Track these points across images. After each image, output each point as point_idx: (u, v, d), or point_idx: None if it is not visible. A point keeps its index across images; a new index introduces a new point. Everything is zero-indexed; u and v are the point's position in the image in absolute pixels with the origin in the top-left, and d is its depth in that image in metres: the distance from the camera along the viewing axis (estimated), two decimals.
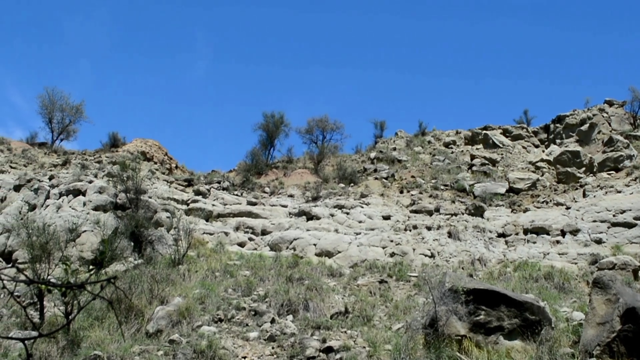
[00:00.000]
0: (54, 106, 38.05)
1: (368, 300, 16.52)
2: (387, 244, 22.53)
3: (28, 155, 32.12)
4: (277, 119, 36.41)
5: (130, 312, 15.24)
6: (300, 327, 14.34)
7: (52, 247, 17.18)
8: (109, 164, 28.83)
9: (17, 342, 13.98)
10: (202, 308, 15.55)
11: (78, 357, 13.00)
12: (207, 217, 25.85)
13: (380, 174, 30.58)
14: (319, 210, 25.72)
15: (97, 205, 23.12)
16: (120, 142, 35.58)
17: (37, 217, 22.18)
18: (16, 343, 14.03)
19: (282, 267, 19.30)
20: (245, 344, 13.52)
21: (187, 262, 19.91)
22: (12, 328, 15.47)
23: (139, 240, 21.67)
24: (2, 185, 25.96)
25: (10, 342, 14.13)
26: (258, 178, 31.49)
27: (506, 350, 11.50)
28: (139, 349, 13.23)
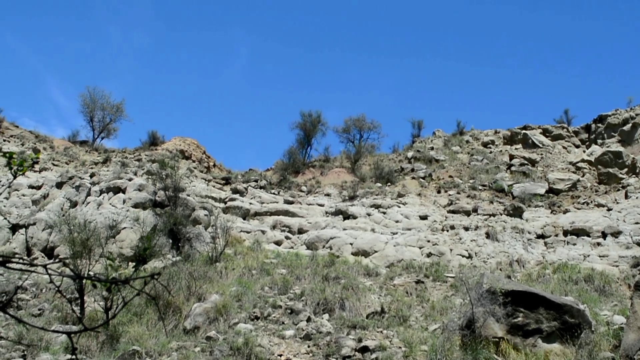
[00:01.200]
0: (95, 105, 38.72)
1: (404, 301, 16.44)
2: (424, 244, 22.40)
3: (70, 153, 32.75)
4: (314, 118, 36.46)
5: (168, 309, 15.45)
6: (336, 326, 14.35)
7: (93, 244, 17.49)
8: (149, 162, 29.21)
9: (59, 336, 14.27)
10: (238, 305, 15.66)
11: (117, 352, 13.21)
12: (245, 216, 26.02)
13: (418, 173, 30.42)
14: (356, 209, 25.69)
15: (136, 203, 23.44)
16: (160, 140, 36.03)
17: (79, 213, 22.58)
18: (58, 337, 14.32)
19: (318, 266, 19.33)
20: (281, 342, 13.58)
21: (224, 259, 20.07)
22: (54, 322, 15.78)
23: (177, 238, 21.92)
24: (45, 183, 26.51)
25: (52, 336, 14.42)
26: (295, 177, 31.58)
27: (544, 354, 11.36)
28: (176, 345, 13.39)
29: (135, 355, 12.92)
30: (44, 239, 22.29)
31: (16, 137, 34.90)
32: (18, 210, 24.50)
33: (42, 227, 22.62)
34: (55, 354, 13.30)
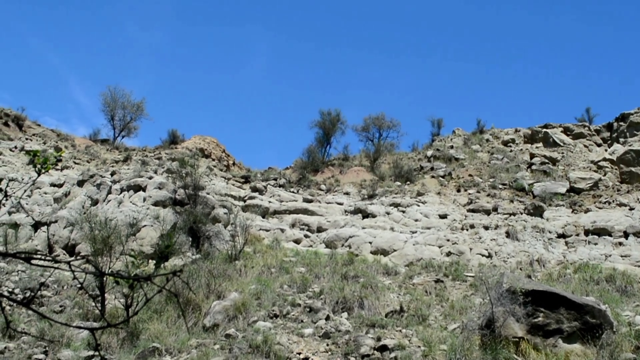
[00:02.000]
0: (116, 104, 39.03)
1: (423, 300, 16.40)
2: (443, 243, 22.32)
3: (91, 151, 33.04)
4: (333, 117, 36.44)
5: (188, 306, 15.53)
6: (355, 324, 14.35)
7: (114, 241, 17.65)
8: (169, 160, 29.38)
9: (80, 333, 14.40)
10: (257, 303, 15.71)
11: (137, 348, 13.32)
12: (264, 214, 26.09)
13: (437, 172, 30.30)
14: (375, 208, 25.66)
15: (156, 201, 23.59)
16: (180, 139, 36.23)
17: (99, 211, 22.77)
18: (79, 333, 14.46)
19: (337, 265, 19.33)
20: (300, 340, 13.59)
21: (244, 257, 20.14)
22: (75, 319, 15.93)
23: (197, 236, 22.03)
24: (66, 181, 26.76)
25: (74, 333, 14.56)
26: (314, 175, 31.60)
27: (565, 354, 11.28)
28: (196, 342, 13.46)
29: (155, 352, 13.01)
30: (65, 236, 22.50)
31: (38, 136, 35.25)
32: (40, 208, 24.76)
33: (64, 224, 22.83)
34: (77, 350, 13.43)
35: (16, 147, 30.86)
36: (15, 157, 29.76)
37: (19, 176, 27.14)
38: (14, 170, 28.19)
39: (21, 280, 18.49)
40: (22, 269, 19.54)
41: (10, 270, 19.07)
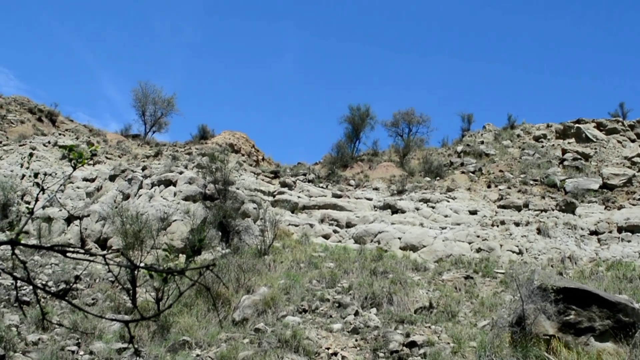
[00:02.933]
0: (147, 99, 39.47)
1: (453, 296, 16.31)
2: (473, 239, 22.16)
3: (122, 146, 33.42)
4: (362, 112, 36.39)
5: (218, 300, 15.66)
6: (383, 320, 14.33)
7: (144, 235, 17.86)
8: (199, 155, 29.59)
9: (112, 325, 14.60)
10: (287, 298, 15.77)
11: (167, 341, 13.46)
12: (293, 209, 26.15)
13: (467, 167, 30.08)
14: (404, 203, 25.56)
15: (187, 196, 23.78)
16: (209, 134, 36.49)
17: (131, 206, 23.02)
18: (111, 326, 14.66)
19: (366, 260, 19.31)
20: (329, 335, 13.62)
21: (273, 252, 20.22)
22: (107, 311, 16.15)
23: (227, 231, 22.17)
24: (98, 175, 27.12)
25: (105, 325, 14.77)
26: (343, 171, 31.59)
27: (597, 352, 11.14)
28: (225, 336, 13.56)
29: (185, 345, 13.15)
30: (97, 230, 22.80)
31: (71, 131, 35.76)
32: (73, 202, 25.12)
33: (96, 218, 23.14)
34: (108, 342, 13.62)
35: (49, 142, 31.34)
36: (49, 152, 30.22)
37: (52, 171, 27.57)
38: (48, 165, 28.63)
39: (54, 273, 18.79)
40: (55, 262, 19.85)
41: (44, 263, 19.39)
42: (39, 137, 32.46)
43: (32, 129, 34.76)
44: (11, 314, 15.55)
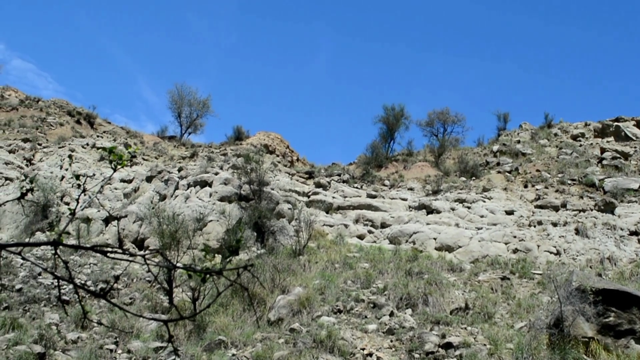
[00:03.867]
0: (183, 101, 39.92)
1: (489, 297, 16.15)
2: (509, 239, 21.91)
3: (159, 148, 33.83)
4: (397, 112, 36.25)
5: (253, 300, 15.74)
6: (419, 321, 14.26)
7: (181, 236, 18.06)
8: (234, 156, 29.80)
9: (150, 325, 14.79)
10: (321, 298, 15.79)
11: (204, 341, 13.59)
12: (327, 209, 26.17)
13: (504, 167, 29.75)
14: (440, 203, 25.39)
15: (222, 196, 23.96)
16: (244, 135, 36.75)
17: (167, 206, 23.30)
18: (148, 325, 14.85)
19: (401, 261, 19.23)
20: (364, 335, 13.60)
21: (308, 253, 20.26)
22: (144, 311, 16.37)
23: (262, 231, 22.28)
24: (135, 177, 27.49)
25: (143, 324, 14.97)
26: (378, 171, 31.52)
27: (637, 355, 10.94)
28: (260, 336, 13.64)
29: (221, 344, 13.25)
30: (134, 230, 23.11)
31: (108, 133, 36.30)
32: (111, 203, 25.51)
33: (133, 219, 23.46)
34: (146, 341, 13.80)
35: (88, 144, 31.86)
36: (87, 154, 30.73)
37: (90, 172, 28.03)
38: (86, 166, 29.11)
39: (93, 273, 19.10)
40: (94, 262, 20.18)
41: (83, 263, 19.72)
42: (77, 139, 33.02)
43: (71, 131, 35.38)
44: (51, 312, 15.87)
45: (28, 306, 16.09)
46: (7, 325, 14.05)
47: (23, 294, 16.73)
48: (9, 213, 24.68)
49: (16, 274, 18.09)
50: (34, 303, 16.34)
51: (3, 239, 22.95)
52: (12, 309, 15.71)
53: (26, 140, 32.23)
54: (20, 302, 16.24)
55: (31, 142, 31.95)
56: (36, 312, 15.72)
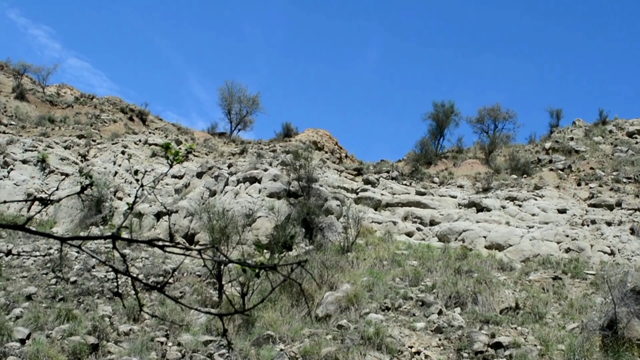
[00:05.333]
0: (233, 98, 40.33)
1: (540, 297, 15.88)
2: (562, 238, 21.50)
3: (209, 144, 34.27)
4: (447, 108, 35.87)
5: (301, 296, 15.81)
6: (468, 320, 14.11)
7: (230, 231, 18.27)
8: (283, 153, 29.97)
9: (199, 318, 15.01)
10: (369, 296, 15.77)
11: (252, 335, 13.72)
12: (376, 206, 26.10)
13: (556, 165, 29.18)
14: (490, 201, 25.07)
15: (271, 193, 24.12)
16: (293, 132, 36.92)
17: (217, 202, 23.58)
18: (197, 319, 15.08)
19: (450, 259, 19.07)
20: (412, 333, 13.54)
21: (356, 249, 20.25)
22: (194, 304, 16.60)
23: (310, 227, 22.36)
24: (186, 173, 27.91)
25: (193, 318, 15.21)
26: (427, 168, 31.28)
27: None
28: (308, 332, 13.69)
29: (270, 339, 13.35)
30: (185, 225, 23.46)
31: (160, 130, 36.93)
32: (162, 198, 25.96)
33: (184, 214, 23.81)
34: (195, 334, 14.01)
35: (140, 141, 32.47)
36: (139, 150, 31.32)
37: (142, 168, 28.57)
38: (138, 162, 29.68)
39: (145, 267, 19.47)
40: (145, 256, 20.57)
41: (135, 257, 20.11)
42: (130, 135, 33.68)
43: (124, 128, 36.13)
44: (104, 304, 16.24)
45: (82, 298, 16.51)
46: (63, 317, 14.44)
47: (77, 286, 17.17)
48: (64, 207, 25.34)
49: (71, 266, 18.57)
50: (88, 295, 16.75)
51: (59, 233, 23.57)
52: (67, 301, 16.14)
53: (81, 137, 33.03)
54: (74, 294, 16.67)
55: (86, 139, 32.73)
56: (90, 304, 16.11)
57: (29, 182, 27.71)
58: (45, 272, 17.96)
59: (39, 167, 28.88)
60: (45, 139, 31.88)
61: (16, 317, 14.38)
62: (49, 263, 18.61)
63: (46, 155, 29.35)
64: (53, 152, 29.97)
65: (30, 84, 45.32)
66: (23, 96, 40.22)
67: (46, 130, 33.61)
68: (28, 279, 17.48)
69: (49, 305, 15.48)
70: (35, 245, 20.49)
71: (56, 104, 41.26)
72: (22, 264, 18.53)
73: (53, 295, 16.33)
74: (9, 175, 28.16)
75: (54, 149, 30.44)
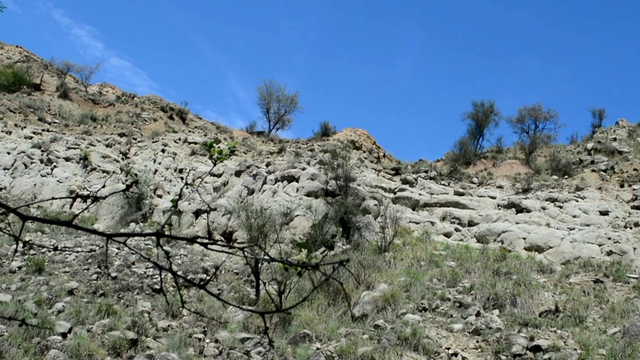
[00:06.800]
0: (271, 97, 40.51)
1: (581, 300, 15.61)
2: (603, 241, 21.10)
3: (247, 143, 34.46)
4: (486, 108, 35.48)
5: (338, 295, 15.83)
6: (506, 322, 13.96)
7: (268, 230, 18.37)
8: (321, 152, 30.01)
9: (236, 315, 15.13)
10: (406, 296, 15.70)
11: (289, 333, 13.78)
12: (414, 206, 25.97)
13: (598, 166, 28.67)
14: (530, 202, 24.74)
15: (309, 192, 24.18)
16: (331, 131, 36.94)
17: (255, 200, 23.73)
18: (234, 316, 15.21)
19: (488, 260, 18.87)
20: (449, 335, 13.44)
21: (393, 249, 20.19)
22: (231, 302, 16.74)
23: (347, 227, 22.35)
24: (225, 171, 28.14)
25: (230, 315, 15.34)
26: (466, 168, 31.01)
27: None
28: (344, 331, 13.70)
29: (306, 338, 13.40)
30: (223, 223, 23.66)
31: (199, 128, 37.29)
32: (201, 196, 26.22)
33: (222, 212, 24.03)
34: (232, 331, 14.13)
35: (180, 139, 32.84)
36: (179, 149, 31.68)
37: (182, 166, 28.90)
38: (178, 160, 30.03)
39: (183, 264, 19.70)
40: (184, 253, 20.82)
41: (174, 254, 20.37)
42: (170, 134, 34.10)
43: (164, 127, 36.59)
44: (143, 300, 16.48)
45: (122, 294, 16.78)
46: (103, 312, 14.69)
47: (118, 282, 17.46)
48: (105, 205, 25.78)
49: (112, 262, 18.88)
50: (128, 291, 17.02)
51: (100, 229, 23.98)
52: (108, 296, 16.42)
53: (122, 135, 33.56)
54: (115, 290, 16.96)
55: (127, 137, 33.24)
56: (129, 300, 16.37)
57: (72, 179, 28.26)
58: (86, 268, 18.31)
59: (81, 164, 29.44)
60: (87, 137, 32.48)
61: (58, 312, 14.68)
62: (90, 259, 18.96)
63: (88, 153, 29.89)
64: (95, 150, 30.51)
65: (74, 83, 46.27)
66: (66, 95, 41.06)
67: (88, 129, 34.24)
68: (70, 274, 17.84)
69: (90, 300, 15.79)
70: (77, 241, 20.90)
71: (98, 103, 42.02)
72: (65, 260, 18.92)
73: (94, 291, 16.64)
74: (53, 173, 28.77)
75: (95, 147, 30.99)
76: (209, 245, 2.76)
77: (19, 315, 13.61)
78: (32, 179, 28.54)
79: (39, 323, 13.17)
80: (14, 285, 16.30)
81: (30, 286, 16.45)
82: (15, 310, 13.91)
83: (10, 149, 31.05)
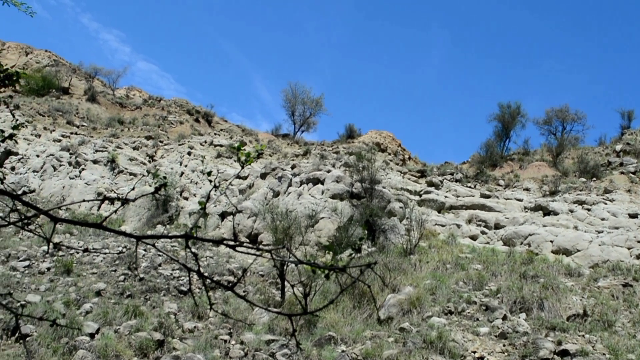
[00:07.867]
0: (296, 100, 40.67)
1: (610, 304, 15.39)
2: (633, 244, 20.80)
3: (273, 145, 34.58)
4: (513, 110, 35.22)
5: (363, 298, 15.81)
6: (533, 326, 13.82)
7: (293, 232, 18.42)
8: (346, 154, 30.01)
9: (262, 317, 15.18)
10: (432, 299, 15.63)
11: (314, 336, 13.79)
12: (439, 209, 25.85)
13: (627, 168, 28.27)
14: (557, 205, 24.48)
15: (334, 194, 24.18)
16: (356, 133, 36.93)
17: (280, 203, 23.80)
18: (260, 318, 15.26)
19: (515, 263, 18.70)
20: (475, 338, 13.35)
21: (419, 252, 20.10)
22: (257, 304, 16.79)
23: (373, 229, 22.31)
24: (250, 174, 28.26)
25: (255, 317, 15.39)
26: (492, 170, 30.79)
27: None
28: (370, 334, 13.68)
29: (331, 340, 13.40)
30: (249, 225, 23.76)
31: (225, 131, 37.52)
32: (226, 199, 26.36)
33: (248, 214, 24.12)
34: (258, 334, 14.17)
35: (206, 142, 33.06)
36: (205, 151, 31.88)
37: (208, 169, 29.09)
38: (204, 163, 30.22)
39: (209, 266, 19.82)
40: (210, 255, 20.94)
41: (200, 256, 20.50)
42: (196, 136, 34.34)
43: (190, 129, 36.84)
44: (170, 302, 16.61)
45: (149, 295, 16.93)
46: (130, 313, 14.84)
47: (145, 283, 17.61)
48: (132, 207, 26.02)
49: (139, 264, 19.05)
50: (154, 292, 17.17)
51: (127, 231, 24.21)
52: (135, 297, 16.58)
53: (149, 138, 33.86)
54: (141, 291, 17.11)
55: (153, 140, 33.53)
56: (156, 301, 16.51)
57: (99, 182, 28.58)
58: (114, 269, 18.51)
59: (109, 167, 29.76)
60: (114, 139, 32.83)
61: (86, 312, 14.86)
62: (117, 260, 19.15)
63: (116, 155, 30.21)
64: (122, 153, 30.83)
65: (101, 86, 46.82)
66: (94, 98, 41.55)
67: (116, 132, 34.61)
68: (97, 275, 18.05)
69: (117, 301, 15.95)
70: (105, 243, 21.12)
71: (125, 106, 42.46)
72: (92, 261, 19.14)
73: (121, 292, 16.81)
74: (80, 175, 29.12)
75: (123, 150, 31.32)
76: (236, 247, 2.78)
77: (48, 315, 13.81)
78: (61, 181, 28.92)
79: (68, 323, 13.35)
80: (43, 286, 16.54)
81: (59, 287, 16.67)
82: (44, 311, 14.11)
83: (40, 152, 31.49)
